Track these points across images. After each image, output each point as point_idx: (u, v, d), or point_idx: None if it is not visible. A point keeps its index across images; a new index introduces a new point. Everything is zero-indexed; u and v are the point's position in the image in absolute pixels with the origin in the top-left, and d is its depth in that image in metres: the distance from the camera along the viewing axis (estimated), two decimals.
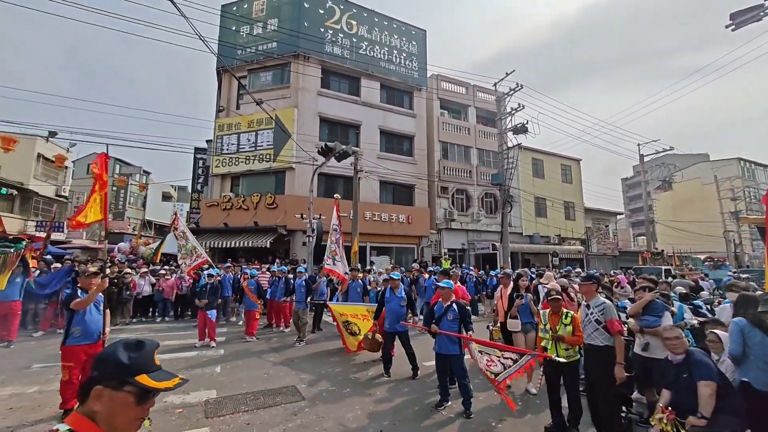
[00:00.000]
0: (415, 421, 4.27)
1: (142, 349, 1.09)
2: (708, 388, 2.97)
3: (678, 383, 3.16)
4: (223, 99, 18.97)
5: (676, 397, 3.15)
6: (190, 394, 5.01)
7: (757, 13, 9.13)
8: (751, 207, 40.35)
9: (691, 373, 3.08)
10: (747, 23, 9.43)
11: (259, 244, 15.66)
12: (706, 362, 3.11)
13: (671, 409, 3.05)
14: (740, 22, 9.51)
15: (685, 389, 3.08)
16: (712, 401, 2.92)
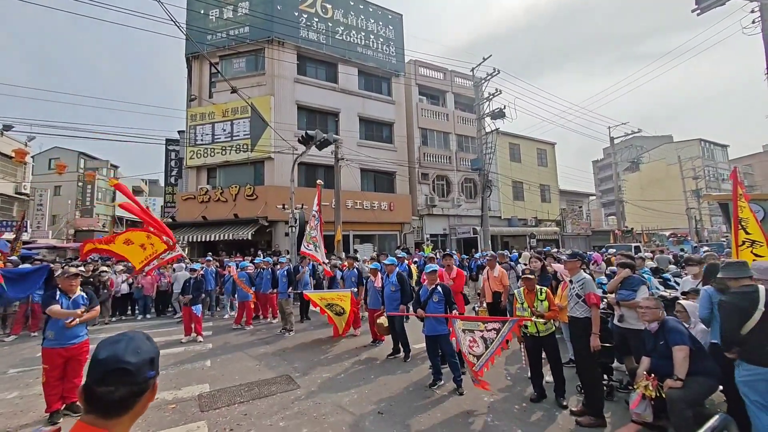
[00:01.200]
0: (411, 401, 4.40)
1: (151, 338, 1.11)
2: (681, 352, 3.22)
3: (656, 350, 3.40)
4: (195, 87, 18.18)
5: (655, 363, 3.40)
6: (182, 389, 4.96)
7: None
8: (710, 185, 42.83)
9: (666, 339, 3.32)
10: (712, 7, 9.84)
11: (240, 236, 15.36)
12: (679, 329, 3.36)
13: (653, 375, 3.28)
14: (705, 6, 9.91)
15: (662, 355, 3.33)
16: (686, 364, 3.17)
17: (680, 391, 3.12)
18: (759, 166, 51.08)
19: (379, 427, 3.80)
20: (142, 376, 0.99)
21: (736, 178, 4.72)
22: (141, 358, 0.99)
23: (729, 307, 3.15)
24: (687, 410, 3.07)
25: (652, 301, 3.60)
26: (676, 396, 3.10)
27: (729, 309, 3.15)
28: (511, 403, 4.33)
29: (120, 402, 0.96)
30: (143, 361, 1.00)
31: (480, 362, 4.22)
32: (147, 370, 1.00)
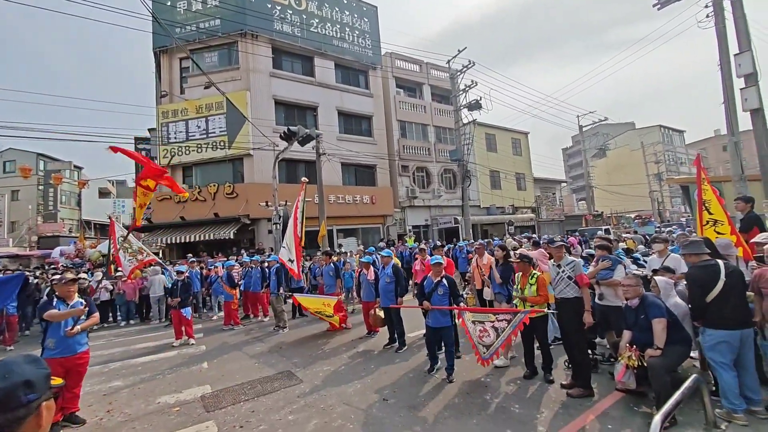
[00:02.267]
0: (414, 387, 4.61)
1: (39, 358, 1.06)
2: (660, 324, 3.57)
3: (637, 324, 3.74)
4: (165, 83, 17.47)
5: (636, 336, 3.74)
6: (182, 392, 4.96)
7: None
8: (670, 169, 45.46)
9: (647, 313, 3.66)
10: (669, 3, 10.44)
11: (222, 235, 15.07)
12: (657, 303, 3.70)
13: (634, 347, 3.63)
14: (664, 2, 10.50)
15: (643, 328, 3.67)
16: (664, 334, 3.52)
17: (659, 359, 3.46)
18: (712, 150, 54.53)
19: (387, 413, 3.98)
20: (14, 402, 0.92)
21: (699, 164, 5.15)
22: (10, 382, 0.93)
23: (692, 279, 3.61)
24: (666, 375, 3.42)
25: (632, 279, 3.93)
26: (656, 363, 3.45)
27: (692, 281, 3.61)
28: (507, 382, 4.62)
29: None
30: (13, 385, 0.93)
31: (490, 351, 4.42)
32: (21, 394, 0.94)
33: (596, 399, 3.98)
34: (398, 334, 6.18)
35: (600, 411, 3.73)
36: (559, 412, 3.78)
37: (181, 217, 15.98)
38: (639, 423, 3.47)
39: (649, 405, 3.73)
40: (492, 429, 3.53)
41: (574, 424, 3.52)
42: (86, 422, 4.19)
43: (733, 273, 3.49)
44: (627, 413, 3.68)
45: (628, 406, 3.80)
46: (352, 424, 3.79)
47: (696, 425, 3.36)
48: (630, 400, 3.90)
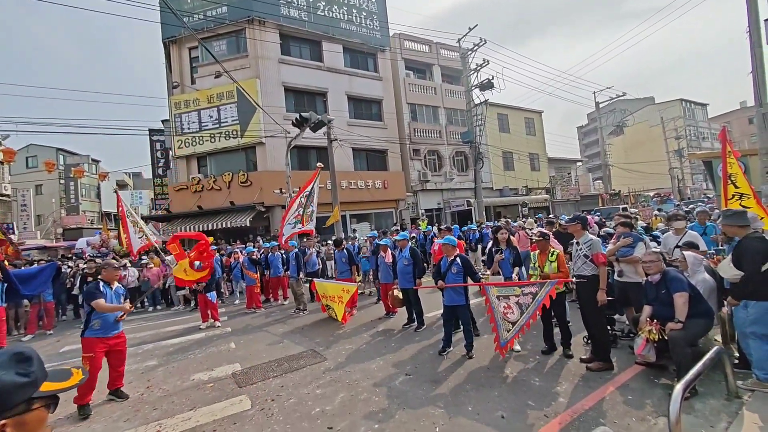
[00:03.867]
0: (434, 363, 4.76)
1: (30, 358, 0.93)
2: (682, 298, 3.58)
3: (658, 299, 3.76)
4: (176, 74, 17.60)
5: (657, 310, 3.76)
6: (214, 369, 5.22)
7: None
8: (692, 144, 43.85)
9: (668, 288, 3.67)
10: None
11: (238, 223, 15.39)
12: (679, 278, 3.71)
13: (655, 321, 3.66)
14: None
15: (664, 303, 3.69)
16: (686, 308, 3.53)
17: (681, 332, 3.49)
18: (736, 123, 52.26)
19: (410, 386, 4.14)
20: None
21: (725, 137, 5.02)
22: None
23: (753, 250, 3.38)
24: (687, 348, 3.46)
25: (654, 255, 3.92)
26: (677, 336, 3.48)
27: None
28: (527, 357, 4.72)
29: None
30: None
31: (513, 330, 4.34)
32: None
33: (616, 372, 4.05)
34: (417, 314, 6.32)
35: (620, 383, 3.80)
36: (579, 384, 3.86)
37: (198, 207, 16.35)
38: (659, 394, 3.53)
39: (670, 377, 3.78)
40: (513, 399, 3.64)
41: (595, 395, 3.60)
42: (129, 397, 4.49)
43: None
44: (647, 385, 3.74)
45: (648, 379, 3.86)
46: (378, 396, 3.96)
47: (717, 396, 3.40)
48: (650, 373, 3.95)
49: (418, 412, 3.56)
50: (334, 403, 3.90)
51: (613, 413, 3.30)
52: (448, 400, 3.76)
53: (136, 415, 4.05)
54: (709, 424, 3.01)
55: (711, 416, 3.12)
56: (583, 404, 3.46)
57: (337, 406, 3.81)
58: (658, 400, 3.42)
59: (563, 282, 4.46)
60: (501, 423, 3.27)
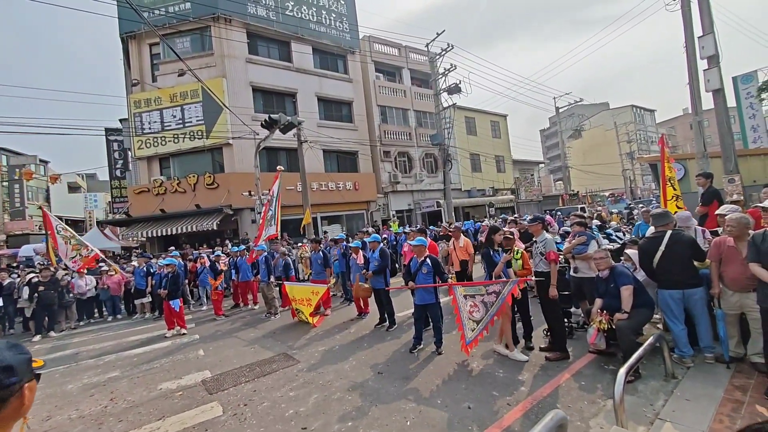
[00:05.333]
0: (406, 361, 4.91)
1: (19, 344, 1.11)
2: (627, 291, 3.96)
3: (608, 292, 4.12)
4: (135, 71, 16.77)
5: (607, 302, 4.12)
6: (183, 378, 5.10)
7: None
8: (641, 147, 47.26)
9: (616, 282, 4.04)
10: None
11: (205, 227, 14.91)
12: (625, 272, 4.09)
13: (605, 312, 4.01)
14: None
15: (613, 295, 4.06)
16: (631, 299, 3.91)
17: (627, 322, 3.86)
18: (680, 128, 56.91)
19: (382, 384, 4.26)
20: None
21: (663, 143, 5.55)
22: None
23: (639, 249, 4.31)
24: (632, 335, 3.83)
25: (602, 252, 4.30)
26: (623, 325, 3.84)
27: (639, 250, 4.30)
28: (491, 351, 4.97)
29: None
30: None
31: (479, 328, 4.52)
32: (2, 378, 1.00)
33: (571, 361, 4.39)
34: (388, 314, 6.46)
35: (575, 371, 4.13)
36: (539, 373, 4.16)
37: (161, 210, 15.66)
38: (608, 379, 3.87)
39: (618, 363, 4.14)
40: (479, 391, 3.87)
41: (552, 382, 3.90)
42: (91, 411, 4.30)
43: (675, 242, 3.91)
44: (598, 371, 4.09)
45: (599, 366, 4.22)
46: (351, 395, 4.05)
47: (657, 377, 3.79)
48: (601, 360, 4.32)
49: (390, 407, 3.69)
50: (307, 404, 3.95)
51: (568, 398, 3.59)
52: (419, 395, 3.92)
53: (99, 428, 3.90)
54: (649, 403, 3.36)
55: (651, 396, 3.48)
56: (542, 392, 3.73)
57: (311, 407, 3.87)
58: (608, 384, 3.75)
59: (525, 278, 4.73)
60: (468, 413, 3.47)
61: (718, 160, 9.94)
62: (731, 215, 3.62)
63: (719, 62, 9.50)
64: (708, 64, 9.62)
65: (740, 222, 3.46)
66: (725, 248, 3.63)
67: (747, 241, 3.44)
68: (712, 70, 9.50)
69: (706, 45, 9.53)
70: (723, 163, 9.48)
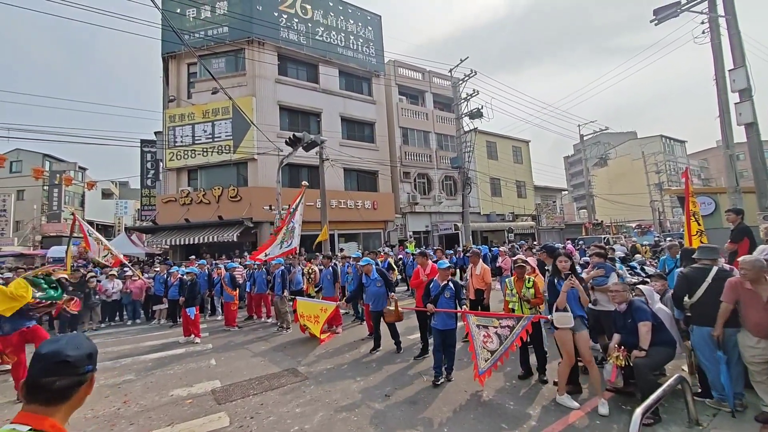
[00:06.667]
0: (413, 385, 4.83)
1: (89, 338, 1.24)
2: (645, 327, 3.81)
3: (625, 327, 3.98)
4: (172, 88, 17.87)
5: (625, 338, 3.97)
6: (193, 386, 5.18)
7: (674, 10, 10.46)
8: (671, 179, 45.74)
9: (633, 317, 3.90)
10: (667, 19, 10.77)
11: (225, 238, 15.33)
12: (643, 308, 3.95)
13: (622, 347, 3.86)
14: (662, 18, 10.84)
15: (630, 331, 3.91)
16: (649, 336, 3.76)
17: (644, 360, 3.70)
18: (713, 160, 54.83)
19: (389, 408, 4.20)
20: (81, 369, 1.10)
21: (687, 177, 5.42)
22: (80, 352, 1.11)
23: (683, 277, 4.00)
24: (650, 374, 3.66)
25: (620, 285, 4.18)
26: (641, 363, 3.68)
27: (681, 278, 3.99)
28: (503, 381, 4.84)
29: (60, 392, 1.07)
30: (82, 355, 1.11)
31: (493, 358, 4.37)
32: (86, 363, 1.11)
33: (586, 397, 4.20)
34: (393, 335, 6.27)
35: (589, 408, 3.95)
36: (551, 408, 4.00)
37: (186, 219, 16.26)
38: (626, 420, 3.67)
39: (636, 404, 3.94)
40: (488, 422, 3.75)
41: (563, 420, 3.74)
42: (105, 412, 4.43)
43: (721, 278, 3.72)
44: (614, 411, 3.89)
45: (616, 405, 4.02)
46: (356, 416, 4.01)
47: (680, 423, 3.58)
48: (619, 400, 4.12)
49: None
50: (312, 422, 3.94)
51: None
52: (426, 422, 3.84)
53: (111, 429, 4.00)
54: None
55: None
56: (553, 428, 3.59)
57: (316, 425, 3.85)
58: (624, 426, 3.57)
59: (539, 316, 4.58)
60: None
61: (752, 195, 9.54)
62: (744, 257, 3.46)
63: (752, 95, 9.27)
64: (740, 97, 9.40)
65: (755, 265, 3.30)
66: (742, 291, 3.45)
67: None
68: (745, 104, 9.27)
69: (737, 78, 9.36)
70: (757, 199, 9.09)
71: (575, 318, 4.02)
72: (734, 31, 9.51)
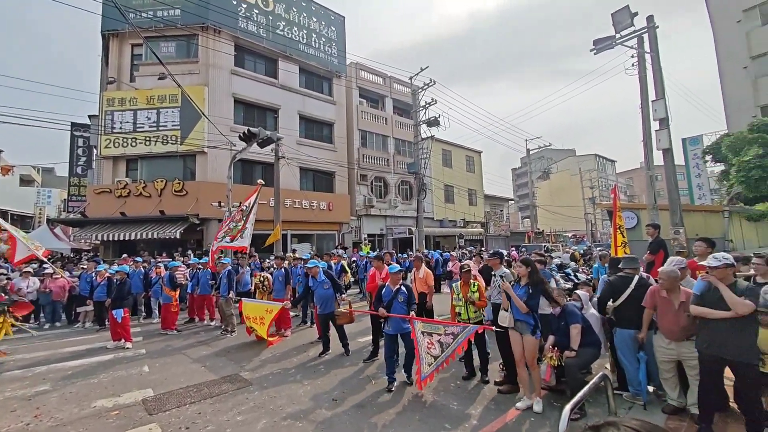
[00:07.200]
0: (362, 388, 4.83)
1: None
2: (575, 329, 4.16)
3: (559, 329, 4.31)
4: (112, 68, 16.34)
5: (558, 339, 4.30)
6: (121, 396, 4.75)
7: (610, 42, 11.60)
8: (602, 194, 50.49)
9: (566, 320, 4.25)
10: (604, 49, 11.92)
11: (167, 234, 14.27)
12: (575, 312, 4.31)
13: (556, 348, 4.18)
14: (600, 48, 11.96)
15: (563, 333, 4.25)
16: (579, 338, 4.11)
17: (574, 359, 4.04)
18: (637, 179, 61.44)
19: (336, 412, 4.16)
20: None
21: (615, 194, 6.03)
22: None
23: (608, 284, 4.44)
24: (578, 373, 4.00)
25: (556, 290, 4.53)
26: (571, 363, 4.01)
27: (606, 285, 4.45)
28: (448, 382, 5.01)
29: None
30: None
31: (435, 363, 4.43)
32: None
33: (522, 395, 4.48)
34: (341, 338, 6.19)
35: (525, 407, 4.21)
36: (491, 407, 4.22)
37: (122, 213, 14.89)
38: (557, 416, 3.97)
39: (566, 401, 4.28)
40: (432, 423, 3.86)
41: (502, 418, 3.95)
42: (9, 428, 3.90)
43: (642, 286, 4.18)
44: (547, 408, 4.19)
45: (549, 402, 4.33)
46: (301, 422, 3.92)
47: (601, 416, 3.94)
48: (551, 397, 4.44)
49: None
50: (255, 430, 3.78)
51: None
52: (372, 425, 3.86)
53: None
54: None
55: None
56: (491, 427, 3.78)
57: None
58: (555, 422, 3.86)
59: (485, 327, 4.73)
60: None
61: (667, 212, 10.83)
62: (662, 268, 3.93)
63: (669, 125, 10.55)
64: (659, 125, 10.65)
65: (670, 275, 3.76)
66: (659, 298, 3.90)
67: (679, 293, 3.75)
68: (663, 131, 10.51)
69: (658, 108, 10.59)
70: (670, 216, 10.34)
71: (517, 322, 4.18)
72: (657, 67, 10.77)
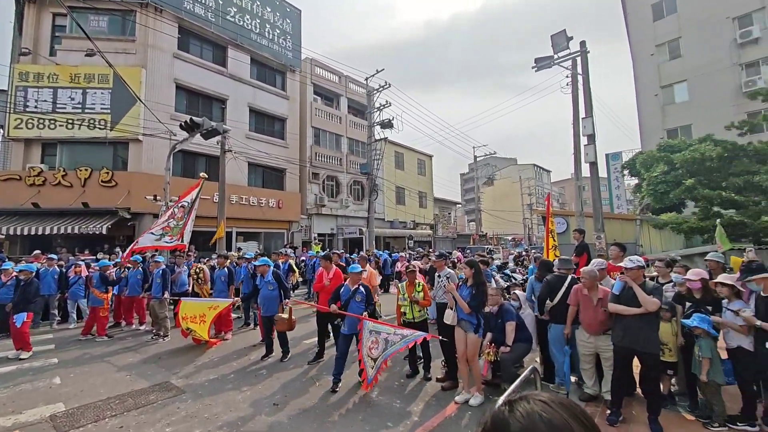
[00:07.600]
0: (305, 391, 4.73)
1: None
2: (511, 326, 4.46)
3: (496, 327, 4.59)
4: (27, 38, 14.33)
5: (495, 336, 4.58)
6: (23, 412, 4.19)
7: (549, 62, 12.59)
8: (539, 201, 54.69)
9: (503, 318, 4.53)
10: (544, 68, 12.90)
11: (91, 230, 12.83)
12: (510, 310, 4.62)
13: (493, 344, 4.44)
14: (540, 66, 12.94)
15: (500, 330, 4.52)
16: (513, 334, 4.41)
17: (509, 354, 4.32)
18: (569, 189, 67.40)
19: (277, 417, 4.03)
20: None
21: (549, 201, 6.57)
22: None
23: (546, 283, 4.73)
24: (512, 367, 4.29)
25: (494, 290, 4.81)
26: (506, 358, 4.29)
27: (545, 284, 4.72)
28: (392, 381, 5.09)
29: None
30: None
31: (376, 365, 4.40)
32: None
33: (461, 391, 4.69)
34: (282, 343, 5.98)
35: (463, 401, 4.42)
36: (432, 403, 4.36)
37: (34, 204, 13.09)
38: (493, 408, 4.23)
39: (501, 393, 4.57)
40: (375, 422, 3.90)
41: (441, 413, 4.11)
42: None
43: (573, 284, 4.57)
44: (485, 401, 4.44)
45: (485, 395, 4.58)
46: (238, 430, 3.74)
47: None
48: (487, 391, 4.69)
49: None
50: None
51: (455, 428, 3.82)
52: (314, 428, 3.80)
53: None
54: None
55: None
56: (431, 422, 3.91)
57: None
58: None
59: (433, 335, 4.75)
60: None
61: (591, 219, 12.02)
62: (584, 269, 4.36)
63: (595, 140, 11.70)
64: (587, 140, 11.78)
65: (590, 275, 4.19)
66: (581, 296, 4.31)
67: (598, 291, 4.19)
68: (590, 146, 11.62)
69: (587, 125, 11.70)
70: (593, 223, 11.48)
71: (461, 320, 4.38)
72: (587, 88, 11.90)
